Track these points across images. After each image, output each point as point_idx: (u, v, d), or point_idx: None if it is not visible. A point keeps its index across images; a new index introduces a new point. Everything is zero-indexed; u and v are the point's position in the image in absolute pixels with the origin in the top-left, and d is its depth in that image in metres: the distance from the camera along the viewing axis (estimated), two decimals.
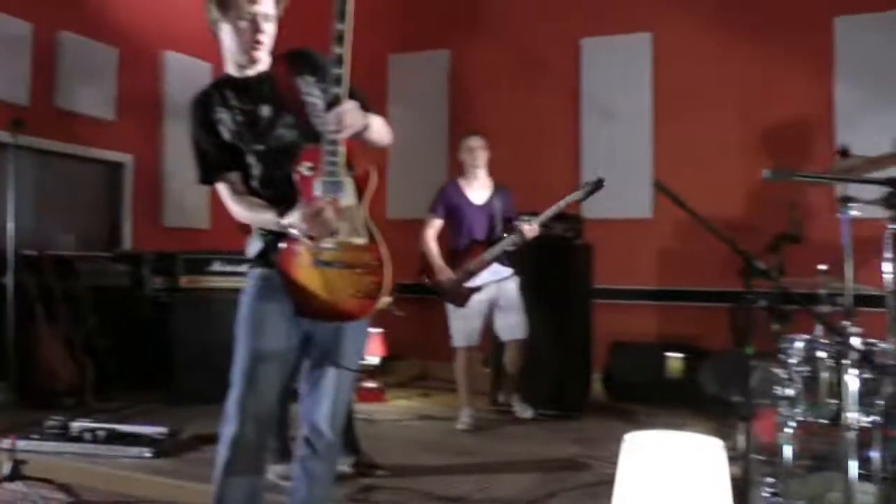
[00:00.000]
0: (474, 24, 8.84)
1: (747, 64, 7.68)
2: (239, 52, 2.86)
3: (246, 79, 2.91)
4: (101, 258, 7.50)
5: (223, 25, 2.85)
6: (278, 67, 2.91)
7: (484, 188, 6.29)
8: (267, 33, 2.86)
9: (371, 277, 2.68)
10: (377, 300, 2.69)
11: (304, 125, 2.84)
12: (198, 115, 2.90)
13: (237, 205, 2.87)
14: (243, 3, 2.79)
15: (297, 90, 2.87)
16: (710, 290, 7.51)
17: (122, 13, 8.02)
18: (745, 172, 7.54)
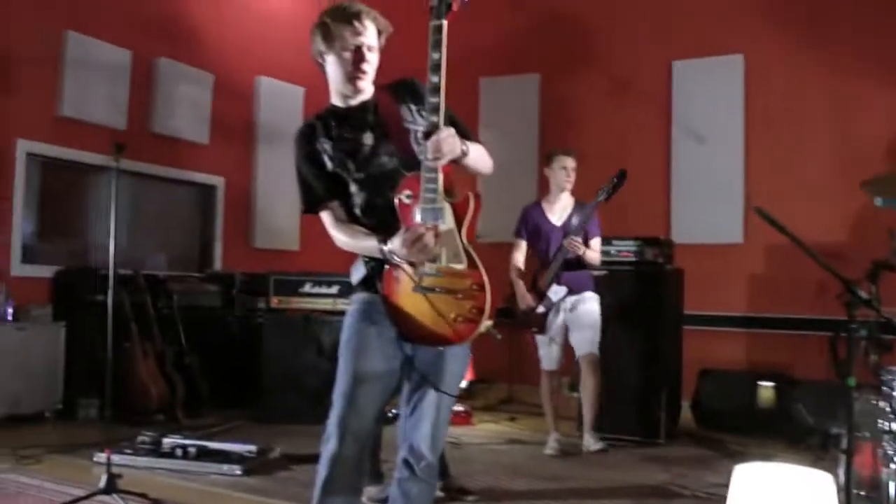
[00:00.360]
0: (565, 47, 8.84)
1: (841, 83, 7.50)
2: (343, 81, 2.92)
3: (349, 108, 2.97)
4: (193, 278, 7.66)
5: (328, 57, 2.92)
6: (382, 97, 2.96)
7: (566, 208, 6.20)
8: (370, 63, 2.91)
9: (471, 302, 2.68)
10: (478, 325, 2.68)
11: (405, 153, 2.87)
12: (302, 146, 2.97)
13: (340, 233, 2.93)
14: (348, 34, 2.85)
15: (401, 118, 2.91)
16: (803, 317, 7.33)
17: (218, 40, 8.25)
18: (838, 195, 7.37)
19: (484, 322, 2.68)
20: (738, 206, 7.78)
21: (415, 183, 2.72)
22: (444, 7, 2.71)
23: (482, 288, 2.66)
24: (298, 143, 2.98)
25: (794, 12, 7.72)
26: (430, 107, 2.68)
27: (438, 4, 2.71)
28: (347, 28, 2.85)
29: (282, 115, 8.83)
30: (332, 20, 2.87)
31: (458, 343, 2.77)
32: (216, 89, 8.16)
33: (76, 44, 6.98)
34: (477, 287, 2.67)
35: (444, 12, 2.71)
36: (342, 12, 2.88)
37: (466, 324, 2.69)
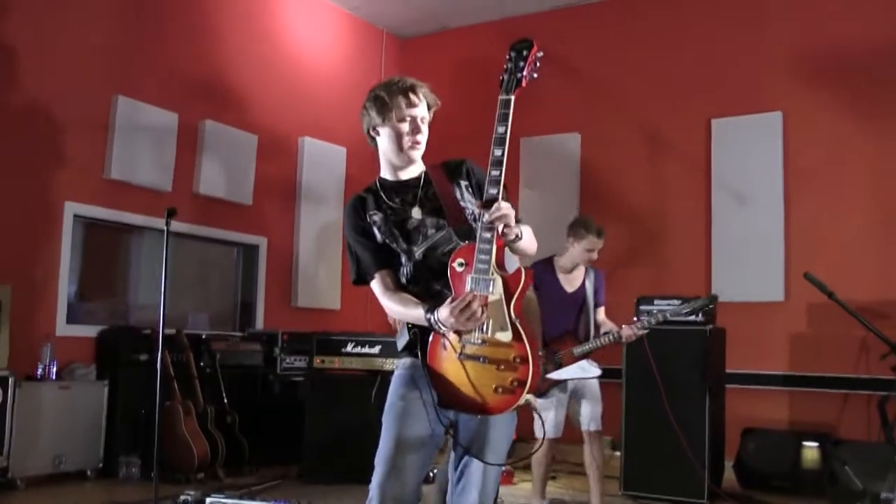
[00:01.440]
0: (604, 105, 8.89)
1: (880, 140, 7.47)
2: (397, 153, 2.98)
3: (399, 182, 3.03)
4: (235, 337, 7.73)
5: (382, 129, 2.98)
6: (435, 173, 3.02)
7: (579, 277, 5.97)
8: (424, 134, 2.97)
9: (513, 375, 2.69)
10: (518, 397, 2.70)
11: (456, 227, 2.92)
12: (353, 218, 3.03)
13: (391, 301, 2.97)
14: (403, 105, 2.92)
15: (453, 194, 2.97)
16: (845, 376, 7.24)
17: (262, 101, 8.43)
18: (878, 253, 7.32)
19: (524, 396, 2.69)
20: (779, 264, 7.73)
21: (469, 252, 2.75)
22: (515, 83, 2.78)
23: (525, 361, 2.68)
24: (349, 214, 3.03)
25: (833, 69, 7.73)
26: (491, 179, 2.72)
27: (508, 79, 2.78)
28: (402, 100, 2.91)
29: (324, 175, 8.97)
30: (387, 93, 2.93)
31: (496, 413, 2.78)
32: (260, 150, 8.30)
33: (125, 107, 7.16)
34: (520, 360, 2.69)
35: (514, 88, 2.77)
36: (396, 85, 2.95)
37: (506, 395, 2.71)
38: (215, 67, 8.05)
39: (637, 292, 6.84)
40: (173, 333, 6.93)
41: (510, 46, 2.84)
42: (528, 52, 2.80)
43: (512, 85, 2.77)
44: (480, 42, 9.61)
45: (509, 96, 2.75)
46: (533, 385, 2.69)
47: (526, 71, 2.79)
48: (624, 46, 8.89)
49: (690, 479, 6.22)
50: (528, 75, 2.79)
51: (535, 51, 2.81)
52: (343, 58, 9.53)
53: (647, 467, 6.45)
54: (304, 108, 8.90)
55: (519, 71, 2.78)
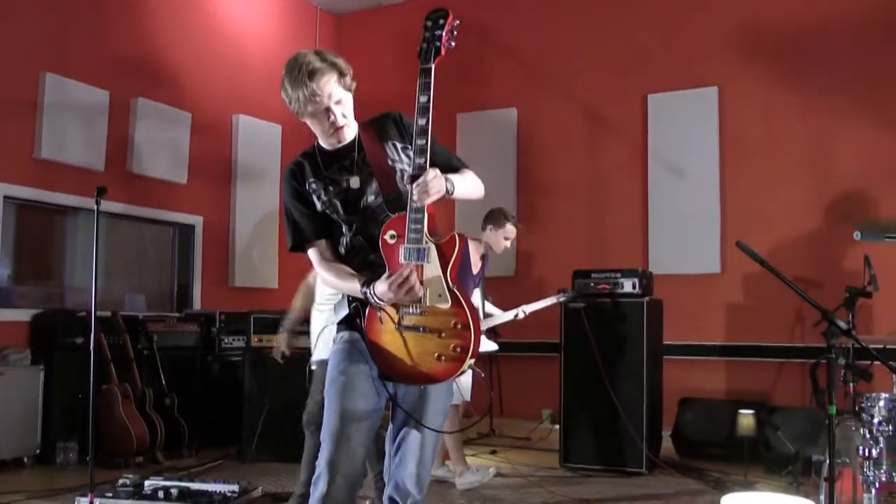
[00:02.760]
0: (541, 81, 8.92)
1: (814, 114, 7.61)
2: (323, 136, 2.97)
3: (336, 149, 3.00)
4: (172, 318, 7.64)
5: (301, 119, 2.95)
6: (365, 135, 2.99)
7: (478, 260, 6.15)
8: (342, 114, 2.92)
9: (455, 341, 2.71)
10: (461, 364, 2.71)
11: (390, 191, 2.90)
12: (290, 184, 3.00)
13: (326, 271, 2.95)
14: (306, 103, 2.85)
15: (385, 157, 2.95)
16: (780, 345, 7.41)
17: (195, 79, 8.30)
18: (812, 225, 7.48)
19: (468, 361, 2.70)
20: (715, 237, 7.86)
21: (399, 223, 2.75)
22: (434, 51, 2.78)
23: (467, 327, 2.70)
24: (287, 181, 3.00)
25: (768, 45, 7.85)
26: (416, 149, 2.73)
27: (427, 48, 2.78)
28: (306, 95, 2.83)
29: (260, 153, 8.87)
30: (291, 86, 2.85)
31: (441, 381, 2.79)
32: (194, 128, 8.18)
33: (54, 85, 6.99)
34: (461, 326, 2.70)
35: (434, 56, 2.77)
36: (297, 77, 2.84)
37: (450, 363, 2.72)
38: (147, 44, 7.89)
39: (574, 266, 6.90)
40: (109, 315, 6.82)
41: (426, 16, 2.84)
42: (445, 21, 2.81)
43: (431, 54, 2.78)
44: (416, 18, 9.46)
45: (429, 65, 2.76)
46: (475, 350, 2.70)
47: (444, 39, 2.80)
48: (561, 22, 8.91)
49: (629, 450, 6.32)
50: (447, 44, 2.81)
51: (451, 19, 2.82)
52: (277, 35, 9.41)
53: (585, 439, 6.53)
54: (238, 85, 8.79)
55: (437, 40, 2.79)
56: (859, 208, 7.28)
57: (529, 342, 7.88)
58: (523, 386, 8.28)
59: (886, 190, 7.26)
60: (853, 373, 4.48)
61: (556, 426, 7.14)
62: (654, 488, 5.93)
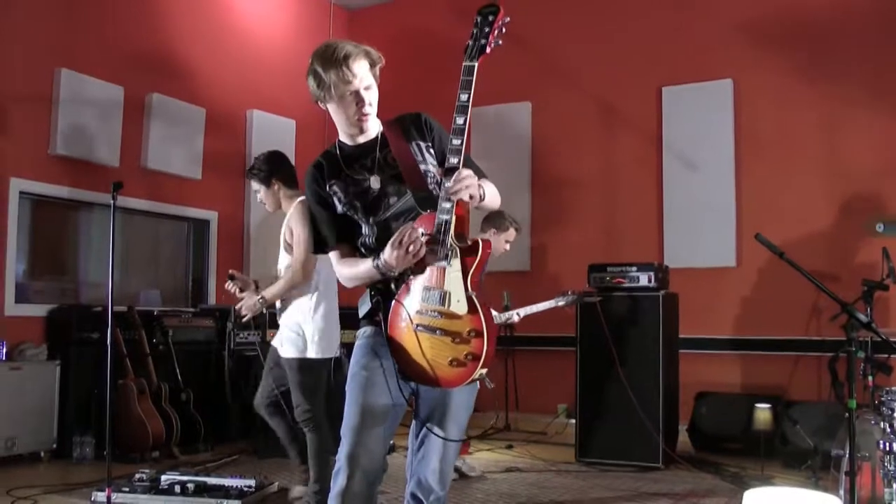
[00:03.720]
0: (555, 74, 8.90)
1: (829, 108, 7.57)
2: (347, 124, 2.93)
3: (358, 146, 2.98)
4: (188, 313, 7.65)
5: (326, 104, 2.92)
6: (390, 133, 2.96)
7: None
8: (370, 103, 2.90)
9: (467, 348, 2.68)
10: (471, 371, 2.69)
11: (416, 192, 2.88)
12: (312, 187, 2.99)
13: (344, 267, 2.96)
14: (339, 83, 2.83)
15: (411, 156, 2.93)
16: (796, 338, 7.37)
17: (209, 74, 8.31)
18: (828, 217, 7.43)
19: (478, 370, 2.68)
20: (731, 230, 7.82)
21: (429, 222, 2.72)
22: (478, 49, 2.72)
23: (480, 334, 2.67)
24: (309, 185, 2.99)
25: (781, 37, 7.80)
26: (452, 149, 2.68)
27: (473, 45, 2.72)
28: (338, 75, 2.81)
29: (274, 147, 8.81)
30: (323, 67, 2.83)
31: (451, 386, 2.77)
32: (208, 124, 8.19)
33: (69, 81, 7.01)
34: (475, 333, 2.67)
35: (478, 54, 2.72)
36: (330, 58, 2.83)
37: (460, 368, 2.70)
38: (161, 40, 7.91)
39: (589, 259, 6.88)
40: (125, 311, 6.85)
41: (477, 11, 2.76)
42: (495, 18, 2.74)
43: (475, 51, 2.72)
44: (428, 13, 9.55)
45: (473, 63, 2.71)
46: (487, 360, 2.67)
47: (491, 37, 2.73)
48: (575, 15, 8.88)
49: (645, 444, 6.29)
50: (493, 41, 2.74)
51: (501, 16, 2.74)
52: (291, 30, 9.42)
53: (602, 434, 6.51)
54: (252, 80, 8.80)
55: (484, 37, 2.72)
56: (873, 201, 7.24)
57: (545, 336, 7.88)
58: (539, 380, 8.27)
59: None
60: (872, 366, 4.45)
61: (571, 420, 7.12)
62: (671, 483, 5.90)
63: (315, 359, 4.80)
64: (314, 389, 4.80)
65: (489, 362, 2.69)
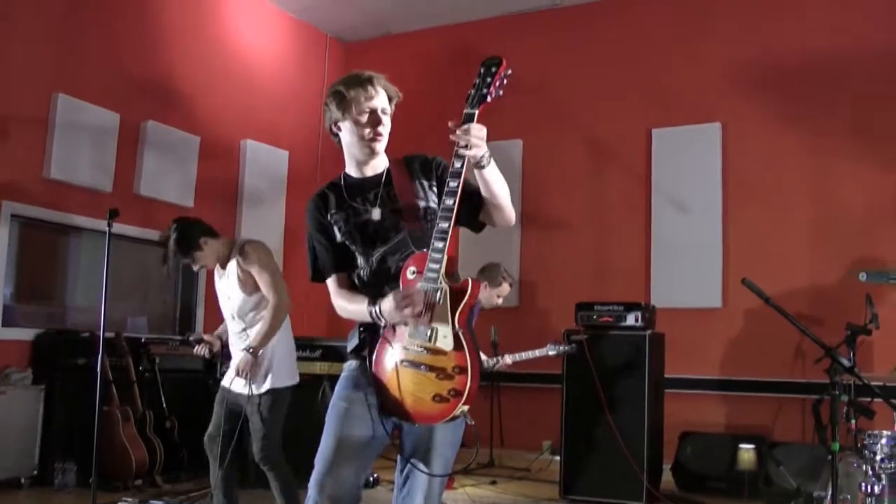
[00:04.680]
0: (547, 112, 8.98)
1: (816, 153, 7.69)
2: (360, 145, 2.98)
3: (363, 179, 3.04)
4: (175, 341, 7.64)
5: (344, 124, 2.98)
6: (396, 169, 3.03)
7: None
8: (385, 126, 2.99)
9: (450, 384, 2.71)
10: (453, 407, 2.71)
11: (414, 229, 2.93)
12: (314, 215, 3.04)
13: (341, 299, 3.00)
14: (362, 98, 2.93)
15: (414, 194, 2.99)
16: (781, 380, 7.43)
17: (205, 103, 8.36)
18: (814, 262, 7.51)
19: (460, 406, 2.71)
20: (717, 272, 7.90)
21: (421, 261, 2.78)
22: (479, 98, 2.80)
23: (464, 371, 2.70)
24: (311, 213, 3.04)
25: (771, 84, 7.93)
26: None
27: (475, 94, 2.80)
28: (362, 92, 2.92)
29: (266, 178, 8.92)
30: (346, 87, 2.94)
31: (432, 422, 2.80)
32: (202, 151, 8.23)
33: (65, 106, 7.05)
34: (459, 370, 2.70)
35: (478, 103, 2.79)
36: (354, 78, 2.97)
37: (443, 404, 2.72)
38: (159, 68, 7.97)
39: (577, 297, 6.93)
40: (112, 337, 6.83)
41: (481, 62, 2.86)
42: (497, 69, 2.83)
43: (476, 100, 2.79)
44: (425, 48, 9.65)
45: (473, 110, 2.77)
46: (470, 397, 2.70)
47: (492, 87, 2.81)
48: (567, 55, 8.99)
49: (630, 482, 6.29)
50: (494, 92, 2.81)
51: (503, 68, 2.84)
52: (287, 61, 9.49)
53: (586, 471, 6.51)
54: (247, 110, 8.85)
55: (486, 86, 2.80)
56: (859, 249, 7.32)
57: (531, 373, 7.89)
58: (524, 416, 8.28)
59: (884, 231, 7.31)
60: (855, 409, 4.50)
61: (556, 457, 7.12)
62: None
63: (280, 388, 4.79)
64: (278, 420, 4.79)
65: (472, 399, 2.72)
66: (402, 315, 2.74)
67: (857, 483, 4.04)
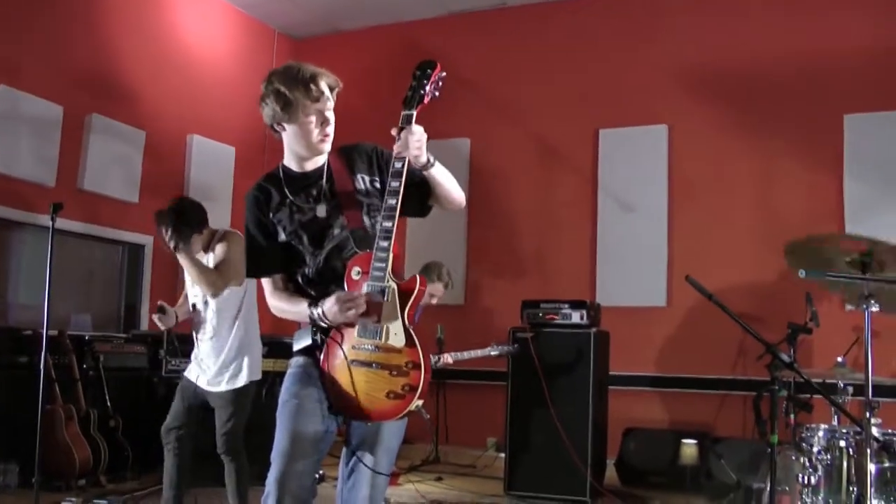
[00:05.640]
0: (495, 112, 9.04)
1: (759, 156, 7.86)
2: (305, 147, 2.97)
3: (305, 174, 3.03)
4: (119, 339, 7.55)
5: (287, 126, 2.96)
6: (335, 163, 3.02)
7: None
8: (332, 125, 2.98)
9: (404, 380, 2.75)
10: (409, 402, 2.76)
11: (357, 228, 2.95)
12: (254, 212, 3.02)
13: (277, 300, 3.00)
14: (308, 101, 2.90)
15: (354, 190, 2.99)
16: (723, 377, 7.56)
17: (151, 97, 8.26)
18: (757, 262, 7.65)
19: (415, 401, 2.75)
20: (662, 271, 8.02)
21: (366, 261, 2.81)
22: (417, 100, 2.87)
23: (417, 367, 2.74)
24: (250, 209, 3.01)
25: (716, 87, 8.08)
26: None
27: (412, 96, 2.87)
28: (306, 95, 2.89)
29: (213, 174, 8.84)
30: (288, 88, 2.88)
31: (387, 419, 2.83)
32: (148, 147, 8.14)
33: (6, 97, 6.92)
34: (412, 365, 2.75)
35: (416, 104, 2.86)
36: (296, 77, 2.90)
37: (397, 400, 2.76)
38: (104, 60, 7.85)
39: (523, 295, 7.00)
40: (55, 335, 6.72)
41: (416, 66, 2.93)
42: (432, 72, 2.91)
43: (414, 102, 2.86)
44: (373, 45, 9.65)
45: (411, 111, 2.85)
46: (424, 390, 2.74)
47: (428, 89, 2.89)
48: (516, 55, 9.06)
49: (573, 478, 6.36)
50: (430, 93, 2.90)
51: (437, 71, 2.92)
52: (235, 56, 9.43)
53: (530, 467, 6.58)
54: (193, 105, 8.78)
55: (422, 88, 2.88)
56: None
57: (477, 370, 7.94)
58: (469, 413, 8.32)
59: (826, 231, 7.47)
60: (794, 405, 4.62)
61: (501, 454, 7.18)
62: None
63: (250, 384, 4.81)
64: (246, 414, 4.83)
65: (425, 394, 2.76)
66: (345, 317, 2.77)
67: (795, 475, 4.17)
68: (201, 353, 4.89)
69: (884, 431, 4.09)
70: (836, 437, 4.14)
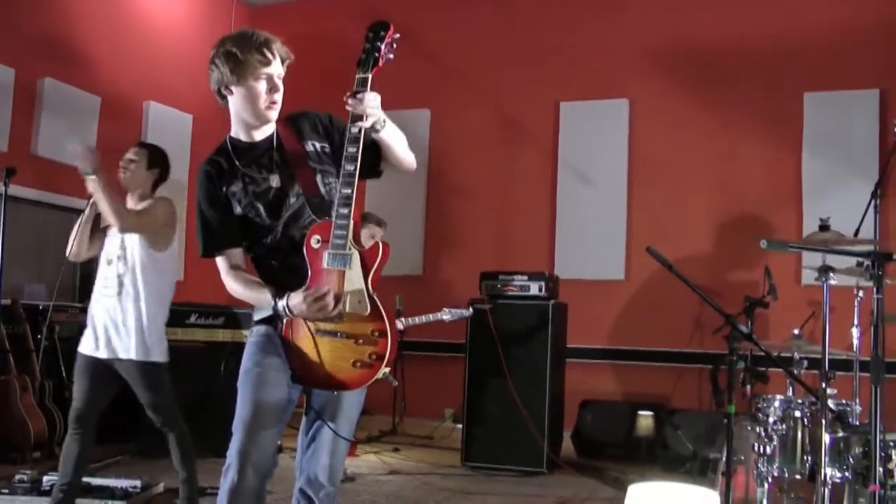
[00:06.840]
0: (455, 83, 9.00)
1: (720, 133, 7.93)
2: (252, 113, 2.90)
3: (254, 144, 2.96)
4: (75, 308, 7.44)
5: (235, 88, 2.88)
6: (284, 132, 2.96)
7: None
8: (280, 92, 2.91)
9: (371, 348, 2.74)
10: (376, 370, 2.75)
11: (311, 193, 2.90)
12: (206, 187, 2.92)
13: (234, 281, 2.92)
14: (259, 64, 2.84)
15: (305, 157, 2.93)
16: (680, 350, 7.65)
17: (107, 62, 8.11)
18: (715, 235, 7.73)
19: (382, 369, 2.74)
20: (621, 244, 8.08)
21: (325, 229, 2.77)
22: (372, 62, 2.83)
23: (384, 334, 2.73)
24: (202, 184, 2.92)
25: (679, 63, 8.13)
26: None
27: (366, 58, 2.82)
28: (258, 58, 2.83)
29: (170, 141, 8.60)
30: (240, 49, 2.82)
31: (354, 388, 2.82)
32: (103, 113, 7.99)
33: None
34: (378, 333, 2.74)
35: (371, 66, 2.82)
36: (249, 40, 2.85)
37: (364, 369, 2.75)
38: (58, 23, 7.67)
39: (481, 267, 7.02)
40: (9, 304, 6.62)
41: (367, 27, 2.88)
42: (385, 34, 2.86)
43: (369, 64, 2.82)
44: (332, 15, 9.55)
45: (366, 74, 2.81)
46: (391, 358, 2.74)
47: (383, 51, 2.85)
48: (477, 26, 9.01)
49: (530, 450, 6.43)
50: (385, 56, 2.86)
51: (391, 32, 2.87)
52: (192, 23, 9.28)
53: (487, 439, 6.62)
54: (150, 71, 8.63)
55: (376, 51, 2.84)
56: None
57: (434, 342, 7.96)
58: (427, 385, 8.32)
59: (781, 210, 7.58)
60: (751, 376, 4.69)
61: (458, 425, 7.21)
62: (554, 487, 6.06)
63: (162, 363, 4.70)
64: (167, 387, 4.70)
65: (391, 362, 2.75)
66: (313, 315, 2.73)
67: (751, 445, 4.25)
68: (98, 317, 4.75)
69: (838, 402, 4.18)
70: (792, 408, 4.22)
